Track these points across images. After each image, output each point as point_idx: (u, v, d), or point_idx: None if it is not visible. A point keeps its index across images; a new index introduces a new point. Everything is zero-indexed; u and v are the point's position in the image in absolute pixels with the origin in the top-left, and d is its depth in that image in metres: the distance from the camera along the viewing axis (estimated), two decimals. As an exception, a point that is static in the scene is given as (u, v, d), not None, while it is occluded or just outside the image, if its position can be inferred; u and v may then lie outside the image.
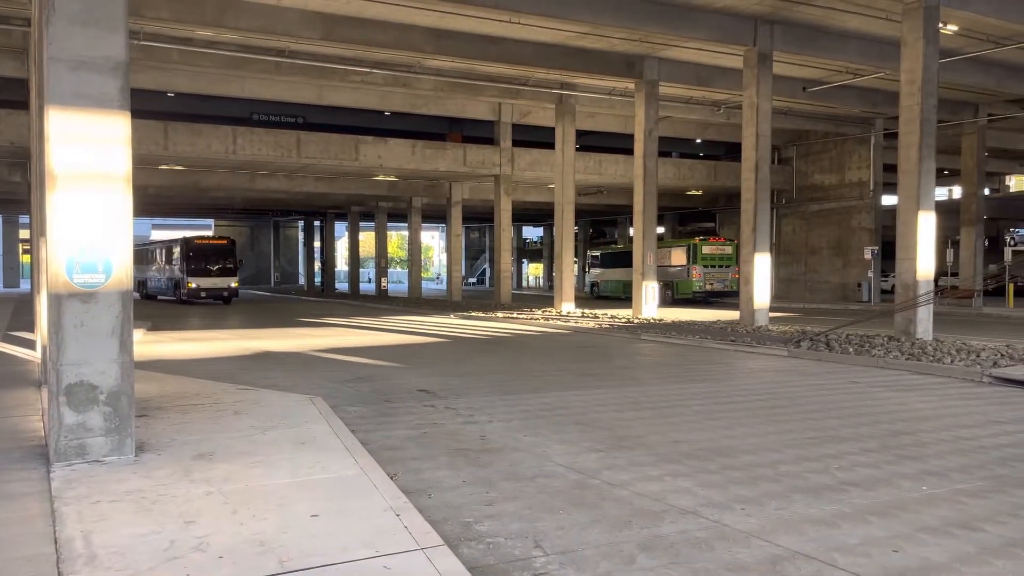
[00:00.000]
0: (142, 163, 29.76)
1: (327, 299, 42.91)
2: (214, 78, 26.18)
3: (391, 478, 5.67)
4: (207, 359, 14.02)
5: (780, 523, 4.96)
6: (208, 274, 35.04)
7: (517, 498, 5.47)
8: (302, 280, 67.52)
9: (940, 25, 17.22)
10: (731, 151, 36.88)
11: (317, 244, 62.99)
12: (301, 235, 69.43)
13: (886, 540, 4.65)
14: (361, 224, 51.74)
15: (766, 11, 19.52)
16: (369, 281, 63.12)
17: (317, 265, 61.21)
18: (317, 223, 61.43)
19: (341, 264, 64.94)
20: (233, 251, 37.12)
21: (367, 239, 63.73)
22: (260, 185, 36.72)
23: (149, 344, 16.55)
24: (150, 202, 44.42)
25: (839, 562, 4.30)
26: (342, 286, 60.40)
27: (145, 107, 27.89)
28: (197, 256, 35.38)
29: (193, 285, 34.43)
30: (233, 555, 4.02)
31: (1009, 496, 5.59)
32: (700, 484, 5.84)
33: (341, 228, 59.59)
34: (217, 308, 33.30)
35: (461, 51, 21.63)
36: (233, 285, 35.55)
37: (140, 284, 40.40)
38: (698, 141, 37.69)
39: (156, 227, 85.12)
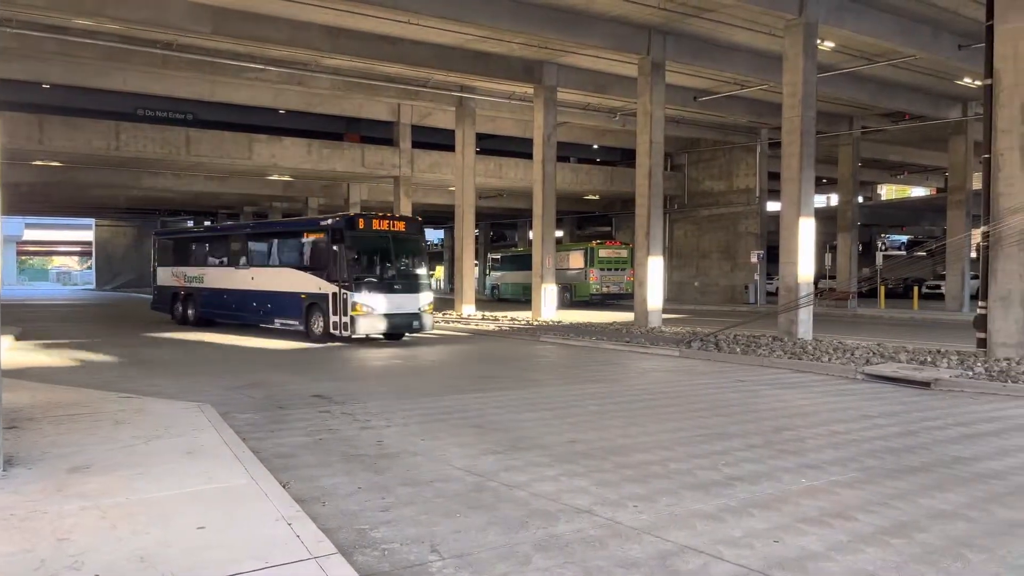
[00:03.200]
0: (14, 158, 27.92)
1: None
2: (94, 70, 24.84)
3: (283, 487, 5.52)
4: (85, 366, 13.27)
5: (670, 519, 5.11)
6: (391, 288, 17.38)
7: (414, 503, 5.42)
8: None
9: (818, 41, 18.20)
10: (627, 157, 37.82)
11: (208, 245, 60.59)
12: (191, 236, 66.74)
13: (768, 532, 4.87)
14: (255, 225, 50.10)
15: (659, 22, 20.12)
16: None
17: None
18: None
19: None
20: (423, 244, 19.53)
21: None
22: (147, 183, 35.07)
23: (20, 352, 15.53)
24: (24, 199, 41.69)
25: (724, 555, 4.47)
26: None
27: (17, 99, 26.18)
28: (370, 252, 17.66)
29: (366, 310, 16.79)
30: (111, 572, 3.81)
31: (879, 486, 5.95)
32: (595, 483, 5.95)
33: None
34: (90, 310, 31.48)
35: (358, 50, 21.33)
36: (425, 309, 17.96)
37: (184, 299, 23.07)
38: (595, 147, 38.48)
39: (30, 226, 79.79)
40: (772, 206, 37.12)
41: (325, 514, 5.12)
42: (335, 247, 17.03)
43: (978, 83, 16.64)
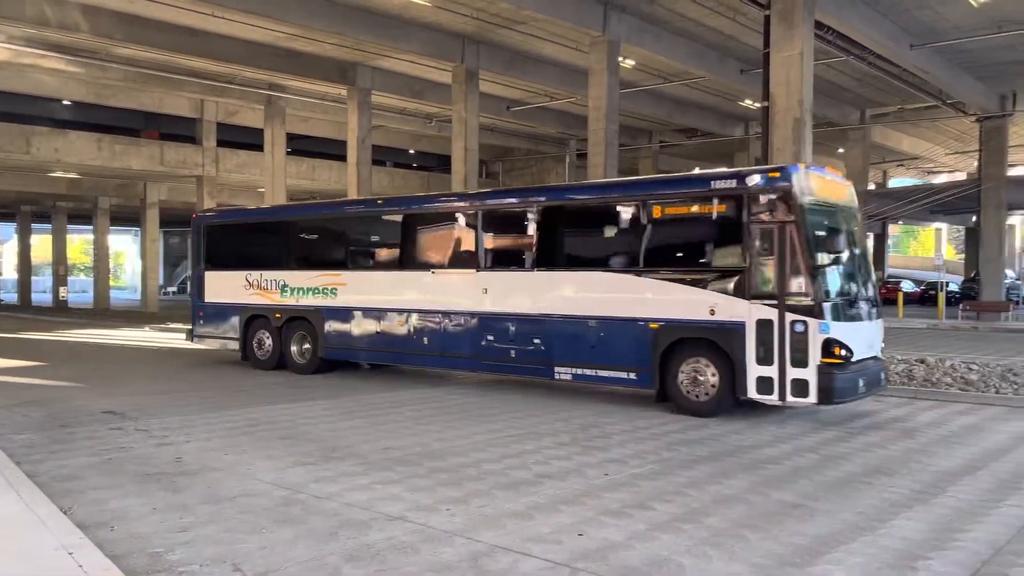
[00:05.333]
0: None
1: (-9, 312, 37.02)
2: None
3: (64, 512, 5.04)
4: None
5: (482, 520, 5.19)
6: (861, 312, 9.36)
7: (216, 521, 5.13)
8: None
9: (621, 59, 19.28)
10: (443, 163, 38.05)
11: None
12: (-44, 237, 59.28)
13: (574, 526, 5.08)
14: (35, 226, 45.49)
15: (472, 31, 20.45)
16: (45, 291, 55.63)
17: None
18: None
19: (9, 271, 56.48)
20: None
21: (43, 243, 56.11)
22: None
23: None
24: None
25: (533, 551, 4.61)
26: (10, 297, 52.52)
27: None
28: (830, 240, 8.84)
29: (843, 354, 8.40)
30: None
31: (675, 477, 6.38)
32: (409, 489, 5.93)
33: (9, 230, 51.86)
34: None
35: (155, 41, 19.95)
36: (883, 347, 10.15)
37: (283, 326, 13.38)
38: (412, 152, 38.42)
39: None
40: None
41: (114, 539, 4.73)
42: (769, 230, 8.64)
43: (758, 105, 18.36)
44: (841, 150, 32.00)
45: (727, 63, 22.36)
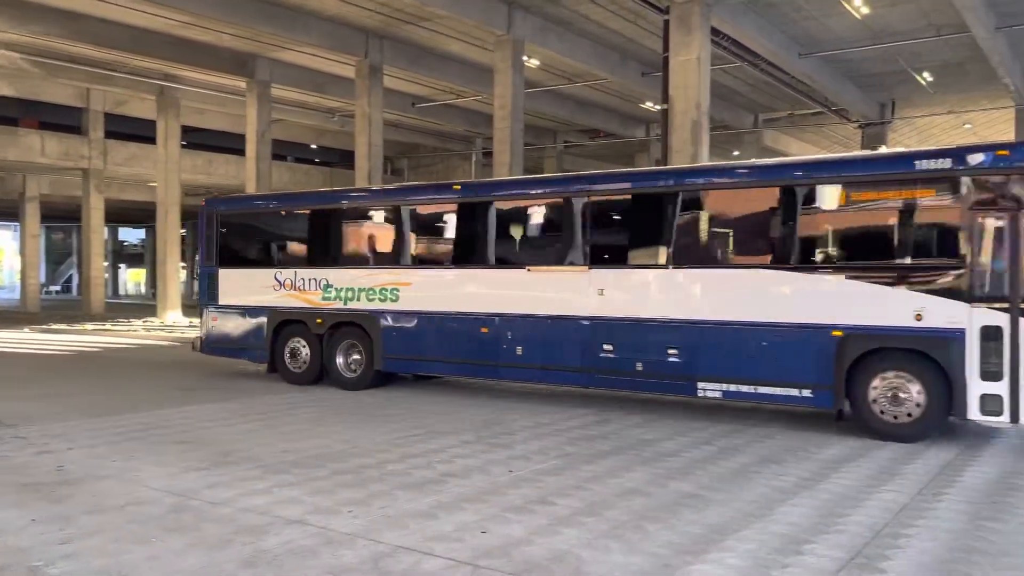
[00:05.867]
0: None
1: None
2: None
3: (-70, 529, 4.68)
4: None
5: (385, 521, 5.12)
6: None
7: (101, 531, 4.87)
8: None
9: (525, 58, 19.41)
10: (346, 159, 37.38)
11: None
12: None
13: (477, 523, 5.07)
14: (-100, 220, 42.08)
15: (376, 25, 20.17)
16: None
17: None
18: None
19: None
20: None
21: (-91, 239, 52.01)
22: None
23: None
24: None
25: (436, 550, 4.58)
26: None
27: None
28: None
29: None
30: None
31: (577, 471, 6.47)
32: (309, 492, 5.79)
33: None
34: None
35: (28, 22, 18.73)
36: None
37: (326, 334, 11.43)
38: (314, 147, 37.58)
39: None
40: (486, 212, 38.94)
41: (-14, 555, 4.42)
42: (996, 219, 7.43)
43: (657, 107, 18.87)
44: (736, 152, 33.22)
45: (629, 65, 22.84)
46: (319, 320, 11.33)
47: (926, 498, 5.70)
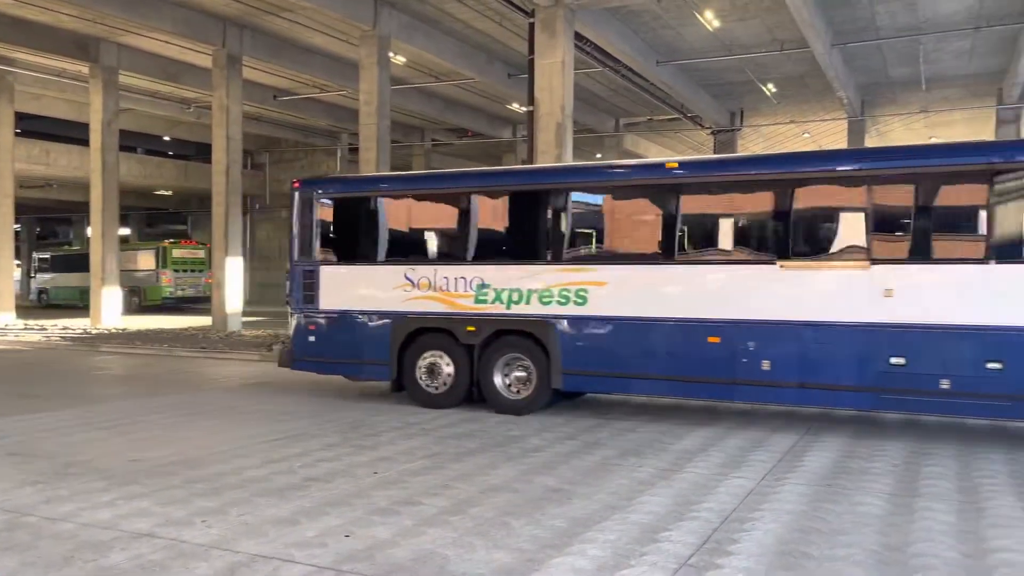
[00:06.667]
0: None
1: None
2: None
3: None
4: None
5: (242, 529, 4.92)
6: None
7: (-83, 557, 4.42)
8: None
9: (392, 55, 19.21)
10: (202, 152, 35.65)
11: None
12: None
13: (340, 527, 4.97)
14: None
15: (235, 14, 19.36)
16: None
17: None
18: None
19: None
20: None
21: None
22: None
23: None
24: None
25: (296, 556, 4.45)
26: None
27: None
28: None
29: None
30: None
31: (444, 471, 6.47)
32: (160, 503, 5.48)
33: None
34: None
35: None
36: None
37: (482, 344, 9.27)
38: (167, 138, 35.58)
39: None
40: (353, 209, 38.25)
41: None
42: None
43: (524, 109, 19.15)
44: (599, 155, 34.24)
45: (495, 66, 23.05)
46: (471, 328, 9.12)
47: (770, 483, 6.08)
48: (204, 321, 23.96)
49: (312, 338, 10.10)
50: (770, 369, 7.88)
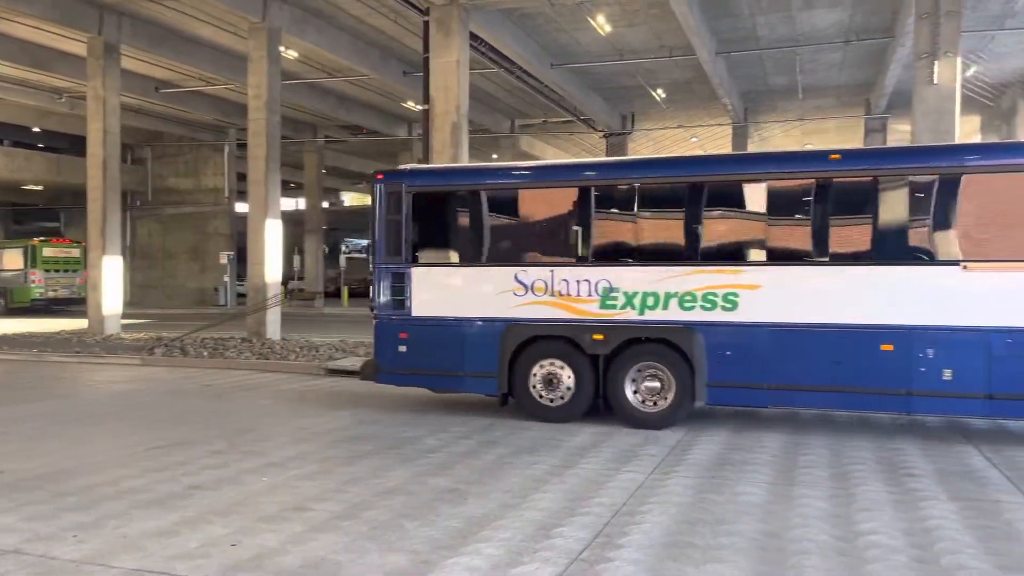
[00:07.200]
0: None
1: None
2: None
3: None
4: None
5: (119, 543, 4.67)
6: None
7: None
8: None
9: (282, 49, 18.69)
10: (77, 145, 33.61)
11: None
12: None
13: (226, 537, 4.79)
14: None
15: (113, 1, 18.37)
16: None
17: None
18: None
19: None
20: None
21: None
22: None
23: None
24: None
25: (178, 569, 4.25)
26: None
27: None
28: None
29: None
30: None
31: (336, 475, 6.34)
32: (25, 518, 5.13)
33: None
34: None
35: None
36: None
37: (609, 355, 8.52)
38: (37, 130, 33.37)
39: None
40: (241, 207, 37.02)
41: None
42: None
43: (419, 107, 19.02)
44: (495, 155, 34.44)
45: (390, 63, 22.80)
46: (598, 336, 8.38)
47: (659, 476, 6.27)
48: (79, 324, 22.61)
49: (402, 348, 9.04)
50: (952, 379, 7.34)
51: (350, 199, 65.67)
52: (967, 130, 27.71)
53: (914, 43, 14.28)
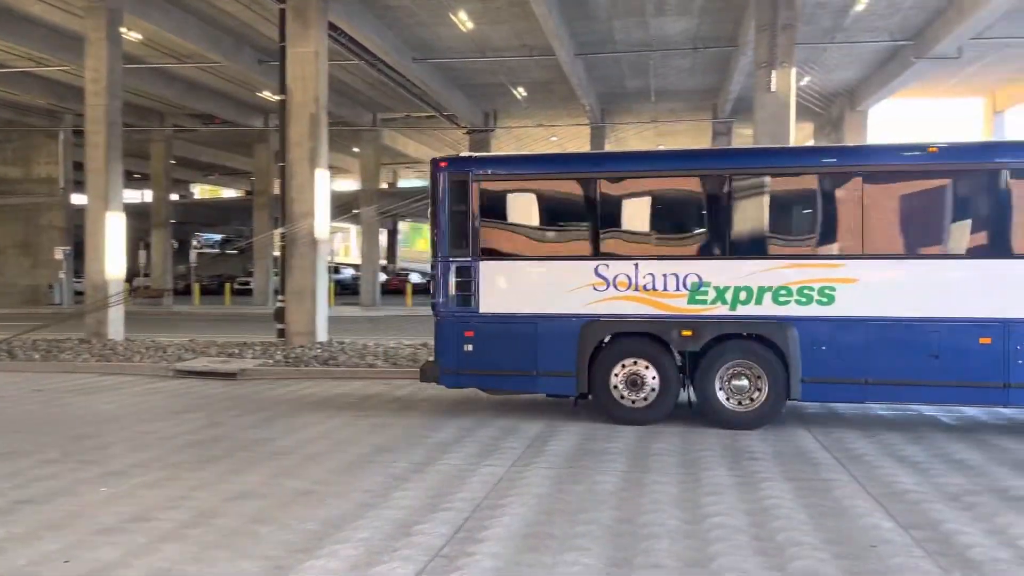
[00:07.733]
0: None
1: None
2: None
3: None
4: None
5: (-70, 567, 4.23)
6: None
7: None
8: None
9: (124, 31, 17.51)
10: None
11: None
12: None
13: (59, 552, 4.44)
14: None
15: (-76, -33, 16.62)
16: None
17: None
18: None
19: None
20: None
21: None
22: None
23: None
24: None
25: (1, 593, 3.91)
26: None
27: None
28: None
29: None
30: None
31: (182, 481, 6.01)
32: None
33: None
34: None
35: None
36: None
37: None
38: None
39: None
40: (79, 199, 34.42)
41: None
42: None
43: (276, 97, 18.34)
44: (356, 149, 33.80)
45: (244, 51, 21.88)
46: (687, 332, 8.05)
47: (519, 469, 6.36)
48: None
49: (469, 347, 8.46)
50: None
51: (200, 191, 62.58)
52: (800, 136, 29.86)
53: (755, 53, 15.20)
